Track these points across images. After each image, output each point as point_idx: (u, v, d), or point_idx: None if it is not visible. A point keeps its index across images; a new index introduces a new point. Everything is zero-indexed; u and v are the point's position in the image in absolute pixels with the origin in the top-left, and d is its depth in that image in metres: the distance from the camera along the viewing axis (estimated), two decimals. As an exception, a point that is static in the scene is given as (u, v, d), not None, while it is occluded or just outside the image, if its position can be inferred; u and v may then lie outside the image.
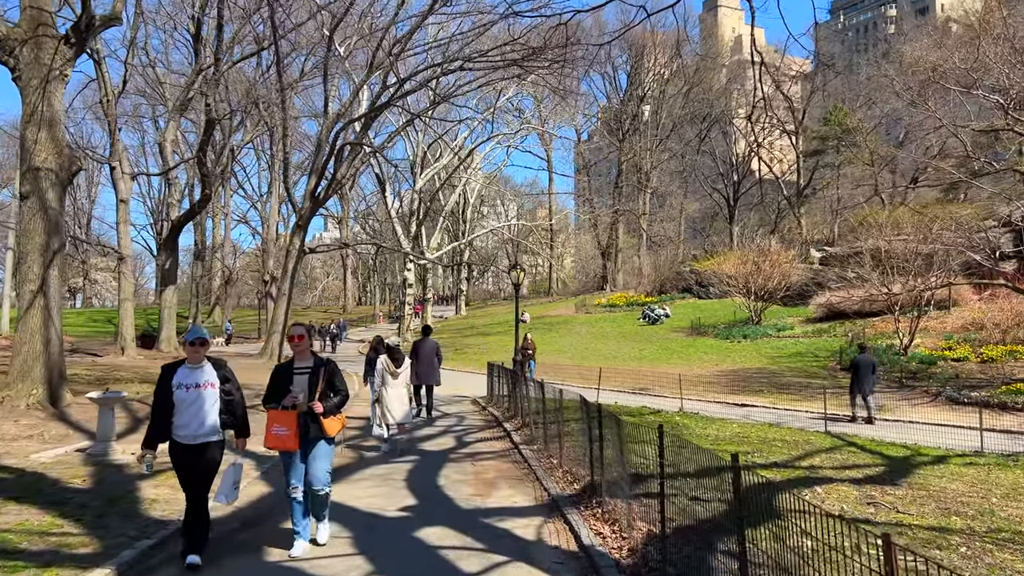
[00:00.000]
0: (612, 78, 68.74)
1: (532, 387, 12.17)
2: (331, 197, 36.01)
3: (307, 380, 5.94)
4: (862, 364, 16.46)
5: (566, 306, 53.95)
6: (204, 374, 5.64)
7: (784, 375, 25.15)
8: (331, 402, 5.97)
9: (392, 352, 11.06)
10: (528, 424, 12.17)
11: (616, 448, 6.34)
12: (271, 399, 5.98)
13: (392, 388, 10.78)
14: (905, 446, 11.96)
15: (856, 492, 7.98)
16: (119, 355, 29.19)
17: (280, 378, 6.03)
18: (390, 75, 29.85)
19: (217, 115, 30.44)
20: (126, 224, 29.59)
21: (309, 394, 5.88)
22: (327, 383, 6.01)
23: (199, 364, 5.66)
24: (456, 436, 12.63)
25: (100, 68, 27.88)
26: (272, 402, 5.93)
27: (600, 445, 6.79)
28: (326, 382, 6.00)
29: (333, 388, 6.07)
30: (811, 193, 67.30)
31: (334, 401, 6.00)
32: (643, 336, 36.91)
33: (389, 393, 10.75)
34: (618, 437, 6.26)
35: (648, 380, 23.16)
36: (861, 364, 16.48)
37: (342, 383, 6.19)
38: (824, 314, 34.48)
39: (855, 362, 16.86)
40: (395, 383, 10.82)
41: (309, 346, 6.16)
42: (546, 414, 10.52)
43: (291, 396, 5.84)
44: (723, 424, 13.83)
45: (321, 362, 6.13)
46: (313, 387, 5.91)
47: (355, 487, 8.30)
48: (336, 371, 6.18)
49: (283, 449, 5.89)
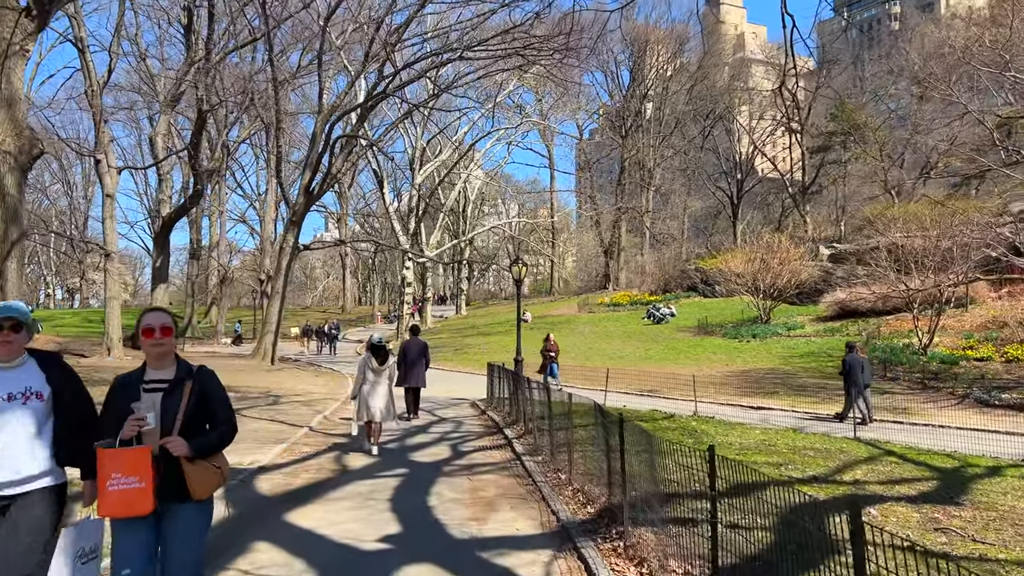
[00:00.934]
0: (615, 75, 67.71)
1: (536, 390, 10.99)
2: (326, 192, 34.89)
3: (161, 400, 3.56)
4: (855, 364, 15.71)
5: (568, 305, 52.82)
6: (20, 377, 3.53)
7: (798, 376, 24.01)
8: (203, 439, 3.57)
9: (376, 349, 10.74)
10: (532, 431, 11.00)
11: (645, 465, 5.18)
12: (107, 431, 3.49)
13: (373, 385, 10.62)
14: (949, 455, 10.81)
15: (916, 514, 6.83)
16: (104, 356, 28.07)
17: (119, 398, 3.60)
18: (387, 66, 28.76)
19: (208, 105, 29.36)
20: (112, 220, 28.45)
21: (162, 423, 3.53)
22: (198, 407, 3.63)
23: (11, 361, 3.55)
24: (452, 444, 11.48)
25: (84, 57, 26.74)
26: (108, 437, 3.44)
27: (622, 461, 5.63)
28: (196, 405, 3.62)
29: (208, 415, 3.68)
30: (817, 191, 66.25)
31: (209, 438, 3.61)
32: (648, 336, 35.78)
33: (369, 390, 10.60)
34: (647, 452, 5.09)
35: (656, 381, 22.00)
36: (853, 364, 15.72)
37: (224, 407, 3.76)
38: (836, 312, 33.46)
39: (846, 362, 16.02)
40: (377, 380, 10.66)
41: (173, 347, 3.73)
42: (552, 419, 9.37)
43: (134, 419, 3.44)
44: (744, 430, 12.67)
45: (188, 371, 3.69)
46: (171, 412, 3.54)
47: (331, 508, 7.14)
48: (215, 387, 3.78)
49: (129, 515, 3.38)
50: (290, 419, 13.56)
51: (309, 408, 15.50)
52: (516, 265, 17.27)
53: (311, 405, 16.08)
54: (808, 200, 66.49)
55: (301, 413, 14.55)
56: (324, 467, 9.39)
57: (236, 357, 33.38)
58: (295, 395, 18.06)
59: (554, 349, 22.92)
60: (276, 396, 17.46)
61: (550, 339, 23.14)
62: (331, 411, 15.37)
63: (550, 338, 23.22)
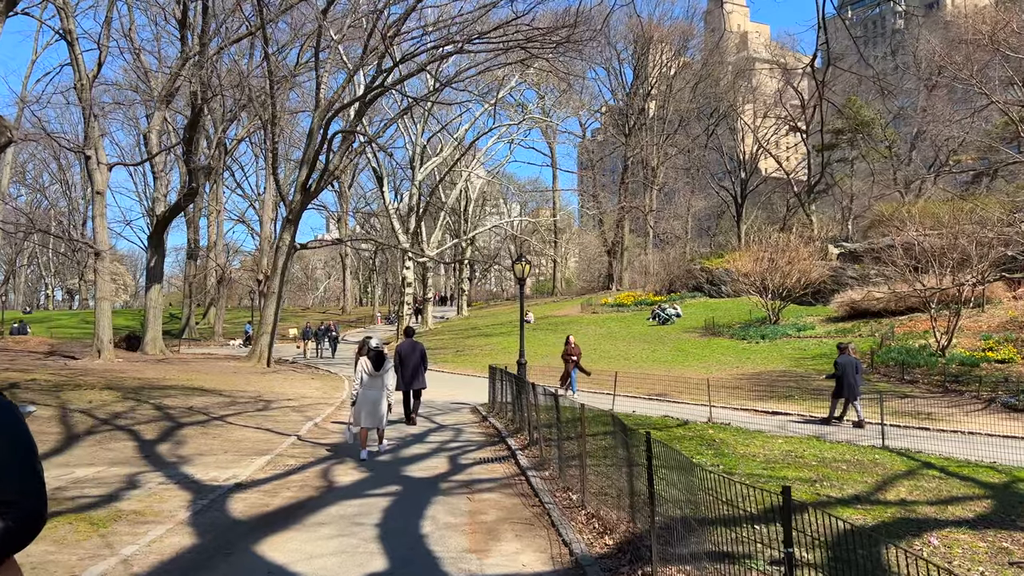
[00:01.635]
0: (618, 72, 66.80)
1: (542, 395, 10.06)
2: (323, 190, 34.01)
3: None
4: (847, 366, 15.19)
5: (572, 306, 51.93)
6: None
7: (812, 379, 23.08)
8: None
9: (374, 354, 10.48)
10: (537, 442, 10.07)
11: (680, 489, 4.28)
12: None
13: (370, 390, 10.36)
14: (991, 467, 9.90)
15: (983, 543, 5.93)
16: (95, 358, 27.21)
17: None
18: (386, 60, 27.90)
19: (203, 100, 28.52)
20: (102, 218, 27.55)
21: None
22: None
23: None
24: (450, 456, 10.56)
25: (73, 50, 25.88)
26: None
27: (650, 485, 4.72)
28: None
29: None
30: (823, 190, 65.33)
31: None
32: (654, 337, 34.88)
33: (365, 395, 10.34)
34: (681, 472, 4.19)
35: (664, 385, 21.09)
36: (847, 366, 15.20)
37: (16, 474, 2.00)
38: (847, 313, 32.56)
39: (838, 364, 15.46)
40: (373, 385, 10.39)
41: None
42: (561, 428, 8.46)
43: None
44: (764, 439, 11.76)
45: None
46: None
47: (310, 536, 6.24)
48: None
49: None
50: (279, 427, 12.68)
51: (300, 414, 14.62)
52: (519, 263, 16.28)
53: (303, 411, 15.20)
54: (813, 199, 65.62)
55: (291, 420, 13.68)
56: (308, 483, 8.49)
57: (232, 359, 32.53)
58: (287, 400, 17.18)
59: (576, 352, 20.35)
60: (267, 401, 16.58)
61: (571, 342, 20.53)
62: (323, 417, 14.50)
63: (571, 340, 20.62)
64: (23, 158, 69.68)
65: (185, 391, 17.03)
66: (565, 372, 20.23)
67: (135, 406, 13.99)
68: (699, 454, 9.56)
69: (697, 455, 9.35)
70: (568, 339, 20.77)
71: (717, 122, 66.90)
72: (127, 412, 13.11)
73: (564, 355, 20.27)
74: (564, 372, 20.35)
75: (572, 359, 19.99)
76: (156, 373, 22.46)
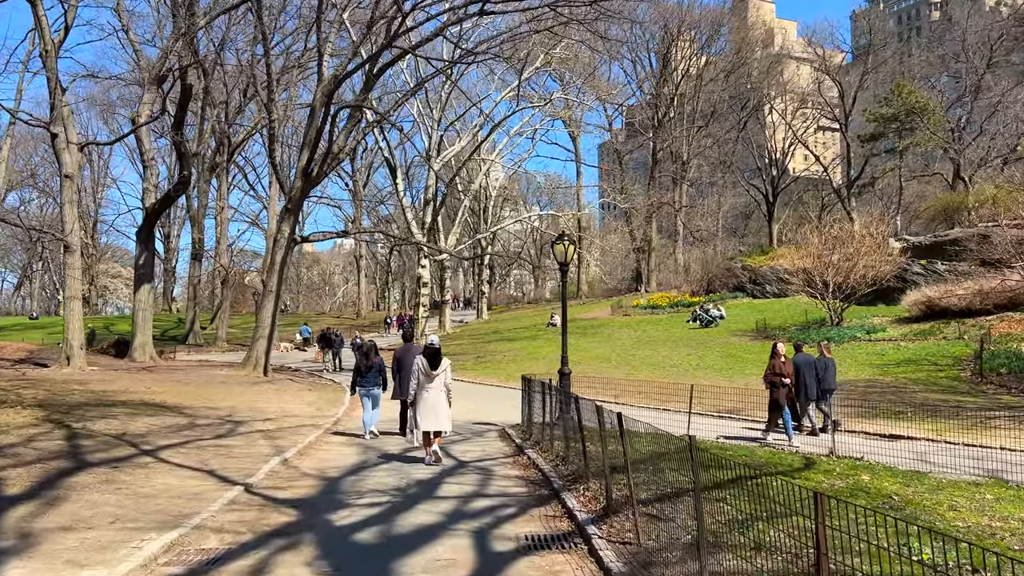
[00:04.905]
0: (648, 60, 62.92)
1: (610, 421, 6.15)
2: (327, 175, 30.41)
3: None
4: (802, 365, 13.50)
5: (600, 308, 47.99)
6: None
7: (909, 389, 19.01)
8: None
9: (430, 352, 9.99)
10: (626, 506, 6.04)
11: None
12: None
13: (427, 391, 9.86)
14: None
15: None
16: (63, 366, 23.67)
17: None
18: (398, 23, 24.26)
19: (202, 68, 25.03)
20: (71, 205, 23.98)
21: None
22: None
23: None
24: (474, 533, 6.46)
25: (36, 11, 22.44)
26: None
27: None
28: None
29: None
30: (866, 183, 61.04)
31: None
32: (698, 341, 30.88)
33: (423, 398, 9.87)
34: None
35: (733, 398, 17.10)
36: (801, 365, 13.48)
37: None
38: (921, 312, 28.58)
39: (794, 363, 13.52)
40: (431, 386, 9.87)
41: None
42: (698, 495, 4.54)
43: None
44: (953, 488, 7.81)
45: None
46: None
47: None
48: None
49: None
50: (228, 466, 8.88)
51: (270, 443, 10.83)
52: (561, 243, 12.40)
53: (277, 437, 11.41)
54: (857, 194, 61.36)
55: (252, 453, 9.88)
56: None
57: (227, 366, 28.82)
58: (265, 419, 13.43)
59: (789, 372, 13.15)
60: (237, 422, 12.81)
61: (780, 352, 13.31)
62: (302, 447, 10.71)
63: (780, 350, 13.34)
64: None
65: (135, 409, 13.30)
66: (773, 401, 13.09)
67: (47, 432, 10.28)
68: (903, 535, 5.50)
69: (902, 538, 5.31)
70: (775, 347, 13.47)
71: (749, 115, 63.16)
72: (21, 443, 9.36)
73: (770, 375, 13.11)
74: (771, 401, 13.16)
75: (784, 382, 12.89)
76: (122, 385, 18.83)
